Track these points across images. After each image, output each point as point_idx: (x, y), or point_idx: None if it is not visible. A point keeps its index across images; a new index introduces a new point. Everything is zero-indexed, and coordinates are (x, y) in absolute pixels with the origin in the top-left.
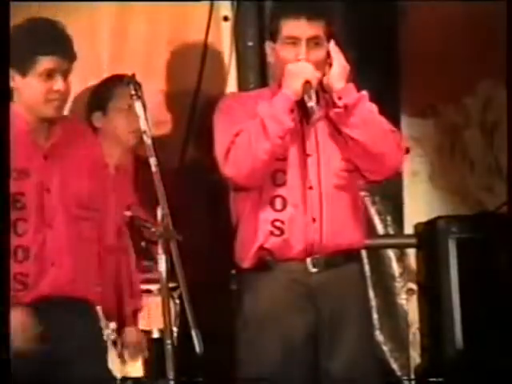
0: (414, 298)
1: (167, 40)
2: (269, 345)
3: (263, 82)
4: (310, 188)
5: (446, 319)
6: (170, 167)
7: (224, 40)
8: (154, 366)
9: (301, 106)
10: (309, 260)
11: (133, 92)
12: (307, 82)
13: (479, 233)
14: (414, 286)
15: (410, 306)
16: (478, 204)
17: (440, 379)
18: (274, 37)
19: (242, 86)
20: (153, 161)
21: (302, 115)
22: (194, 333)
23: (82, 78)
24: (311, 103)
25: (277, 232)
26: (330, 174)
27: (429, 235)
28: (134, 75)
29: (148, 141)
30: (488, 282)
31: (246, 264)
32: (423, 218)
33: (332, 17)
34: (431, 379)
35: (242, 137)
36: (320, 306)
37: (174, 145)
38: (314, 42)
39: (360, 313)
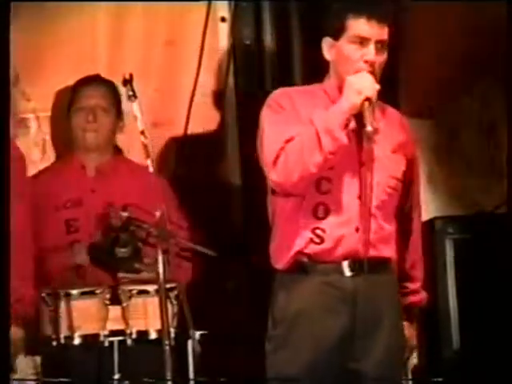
0: None
1: (165, 41)
2: (299, 346)
3: (261, 82)
4: (358, 198)
5: (443, 320)
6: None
7: (221, 41)
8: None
9: (357, 117)
10: (345, 263)
11: (130, 93)
12: (367, 100)
13: (477, 233)
14: None
15: None
16: (476, 204)
17: (438, 379)
18: (336, 34)
19: (240, 86)
20: (149, 161)
21: (357, 124)
22: (191, 333)
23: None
24: (369, 128)
25: (317, 240)
26: (380, 187)
27: (426, 235)
28: (131, 76)
29: (145, 141)
30: (486, 283)
31: (281, 266)
32: None
33: (394, 22)
34: (429, 379)
35: (294, 145)
36: (354, 310)
37: (172, 145)
38: (380, 44)
39: (392, 323)
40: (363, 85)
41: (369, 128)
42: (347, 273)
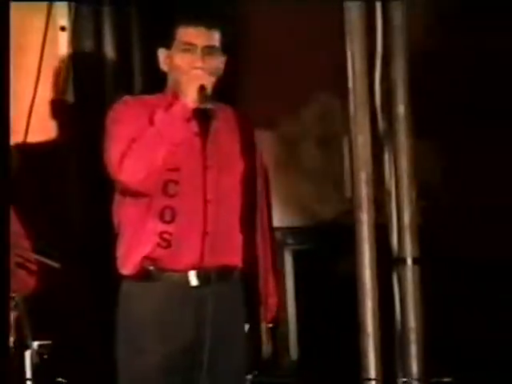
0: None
1: None
2: (147, 352)
3: (100, 90)
4: (208, 201)
5: (281, 329)
6: None
7: (61, 49)
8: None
9: (200, 117)
10: (192, 273)
11: None
12: (202, 87)
13: (315, 244)
14: None
15: None
16: (314, 215)
17: None
18: (168, 43)
19: (79, 94)
20: None
21: (202, 127)
22: (29, 343)
23: None
24: (209, 105)
25: (164, 244)
26: (229, 190)
27: None
28: None
29: None
30: (325, 293)
31: (128, 272)
32: None
33: (228, 28)
34: None
35: (139, 142)
36: (199, 319)
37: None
38: (209, 50)
39: (238, 333)
40: (195, 76)
41: (208, 106)
42: (193, 282)
